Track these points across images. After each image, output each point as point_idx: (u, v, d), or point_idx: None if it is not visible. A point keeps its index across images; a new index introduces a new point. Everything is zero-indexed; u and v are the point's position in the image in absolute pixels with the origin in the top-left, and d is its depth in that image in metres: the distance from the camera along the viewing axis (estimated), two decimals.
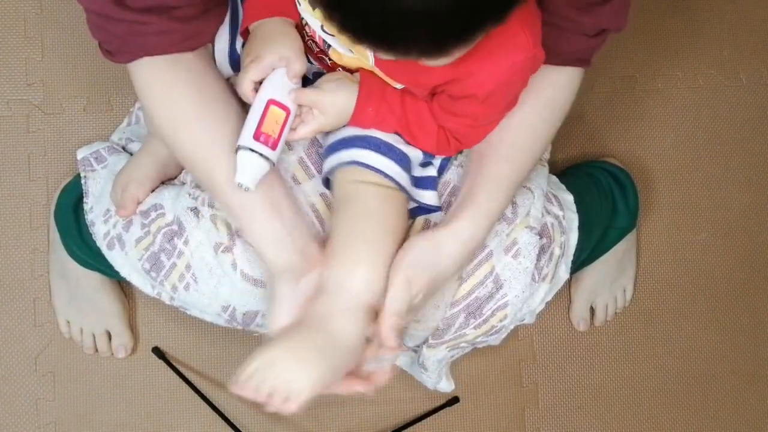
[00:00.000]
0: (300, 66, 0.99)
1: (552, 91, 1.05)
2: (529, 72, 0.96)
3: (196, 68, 1.01)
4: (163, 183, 1.19)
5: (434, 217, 1.09)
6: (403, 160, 1.04)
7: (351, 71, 1.03)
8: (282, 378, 0.93)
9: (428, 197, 1.07)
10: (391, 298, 0.99)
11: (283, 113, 0.97)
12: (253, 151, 0.96)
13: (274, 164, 0.97)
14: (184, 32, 0.98)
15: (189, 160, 1.03)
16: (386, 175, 1.02)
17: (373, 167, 1.02)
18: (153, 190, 1.17)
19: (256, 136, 0.95)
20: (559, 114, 1.07)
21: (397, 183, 1.03)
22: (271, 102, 0.97)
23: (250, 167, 0.96)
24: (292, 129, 1.00)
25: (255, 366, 0.93)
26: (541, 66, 0.97)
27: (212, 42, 1.06)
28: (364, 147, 1.03)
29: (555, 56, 0.98)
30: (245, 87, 0.99)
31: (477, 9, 0.73)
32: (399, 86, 1.00)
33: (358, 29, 0.75)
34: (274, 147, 0.97)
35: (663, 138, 1.52)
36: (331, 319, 0.97)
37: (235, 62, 1.07)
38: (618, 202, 1.36)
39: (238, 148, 0.96)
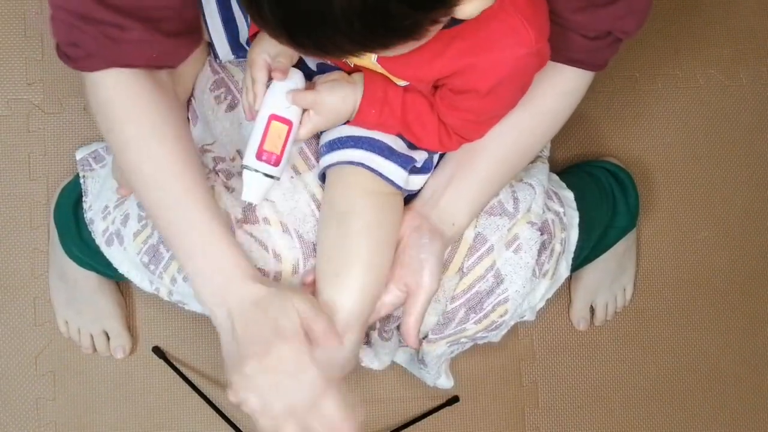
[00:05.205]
0: (285, 60, 0.98)
1: (552, 101, 1.04)
2: (534, 68, 0.95)
3: (163, 87, 0.98)
4: None
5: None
6: (406, 163, 1.04)
7: (356, 68, 1.03)
8: None
9: (417, 183, 1.07)
10: (413, 318, 1.03)
11: (285, 127, 0.99)
12: (257, 171, 0.99)
13: (278, 179, 1.01)
14: (163, 46, 0.93)
15: (146, 181, 0.97)
16: (389, 180, 1.03)
17: (377, 171, 1.02)
18: None
19: (259, 155, 0.99)
20: (555, 125, 1.07)
21: (399, 186, 1.03)
22: (272, 117, 0.99)
23: (255, 185, 1.00)
24: None
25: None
26: (547, 62, 0.95)
27: (177, 65, 1.01)
28: (369, 150, 1.03)
29: (555, 53, 0.97)
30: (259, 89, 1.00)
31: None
32: (403, 83, 1.00)
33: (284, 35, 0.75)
34: (277, 163, 1.00)
35: (663, 137, 1.52)
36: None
37: (233, 38, 1.09)
38: (618, 202, 1.36)
39: (243, 168, 1.00)
